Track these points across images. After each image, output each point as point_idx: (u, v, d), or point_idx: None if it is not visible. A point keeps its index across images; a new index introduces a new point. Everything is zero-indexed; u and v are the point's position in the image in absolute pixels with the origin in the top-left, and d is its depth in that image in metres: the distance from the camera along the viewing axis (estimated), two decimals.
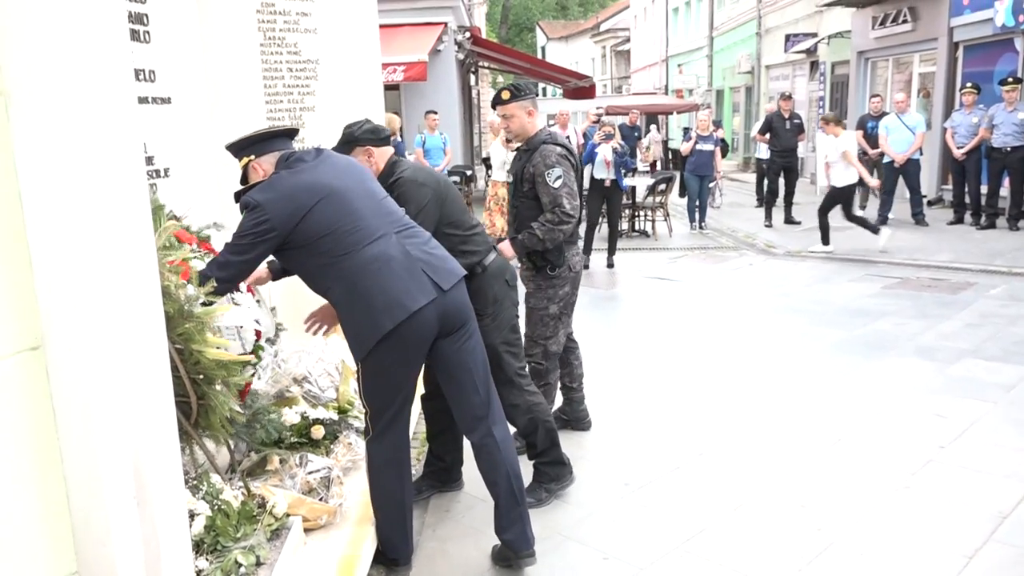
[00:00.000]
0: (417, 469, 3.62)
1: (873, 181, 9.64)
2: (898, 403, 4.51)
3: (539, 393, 3.51)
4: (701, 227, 11.60)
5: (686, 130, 16.36)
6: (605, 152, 8.71)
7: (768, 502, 3.43)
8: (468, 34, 16.06)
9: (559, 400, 4.28)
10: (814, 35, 16.99)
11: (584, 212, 9.55)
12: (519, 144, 3.81)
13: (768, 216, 11.48)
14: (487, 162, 16.27)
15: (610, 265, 9.06)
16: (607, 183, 8.78)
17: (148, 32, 3.04)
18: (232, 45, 3.56)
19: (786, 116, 11.55)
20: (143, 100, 2.99)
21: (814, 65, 17.60)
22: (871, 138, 11.07)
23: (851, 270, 8.38)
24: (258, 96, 3.99)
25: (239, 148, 2.84)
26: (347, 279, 2.59)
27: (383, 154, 3.26)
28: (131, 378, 1.77)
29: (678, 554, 3.05)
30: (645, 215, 11.57)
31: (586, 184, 9.21)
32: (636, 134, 14.74)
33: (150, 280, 1.87)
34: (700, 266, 9.21)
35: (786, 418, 4.36)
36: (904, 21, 13.07)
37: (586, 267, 8.93)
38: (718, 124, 14.49)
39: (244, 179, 2.85)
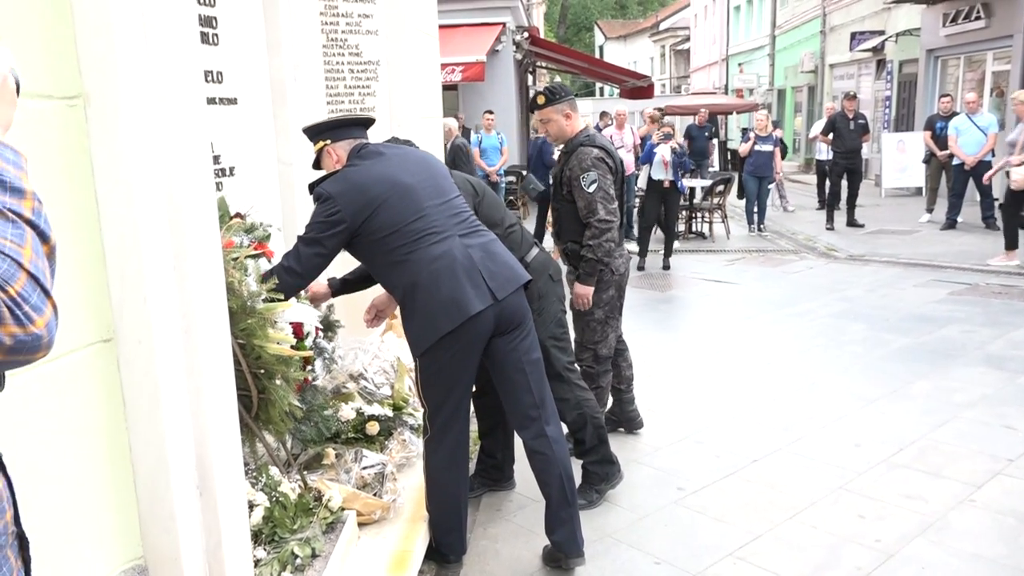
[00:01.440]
0: (470, 467, 3.65)
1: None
2: (965, 413, 4.36)
3: (588, 389, 3.50)
4: (760, 229, 11.39)
5: (745, 131, 16.05)
6: (664, 152, 8.62)
7: (825, 511, 3.36)
8: (526, 34, 16.06)
9: (609, 402, 4.27)
10: (881, 33, 16.52)
11: (641, 213, 9.53)
12: (560, 147, 3.82)
13: (830, 219, 11.21)
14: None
15: (666, 267, 8.97)
16: (665, 184, 8.69)
17: (217, 35, 3.13)
18: (295, 47, 3.63)
19: (850, 116, 11.26)
20: (211, 101, 3.07)
21: (880, 64, 17.11)
22: (939, 139, 10.72)
23: (916, 275, 8.13)
24: (320, 97, 4.05)
25: (316, 131, 2.88)
26: (410, 276, 2.62)
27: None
28: (196, 371, 1.83)
29: (731, 561, 3.01)
30: (702, 216, 11.43)
31: (643, 184, 9.14)
32: (705, 133, 14.38)
33: (215, 276, 1.93)
34: (758, 269, 9.05)
35: (846, 426, 4.26)
36: (977, 18, 12.62)
37: (641, 268, 8.86)
38: (776, 124, 14.13)
39: (317, 163, 2.90)
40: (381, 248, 2.66)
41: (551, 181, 4.08)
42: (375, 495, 2.93)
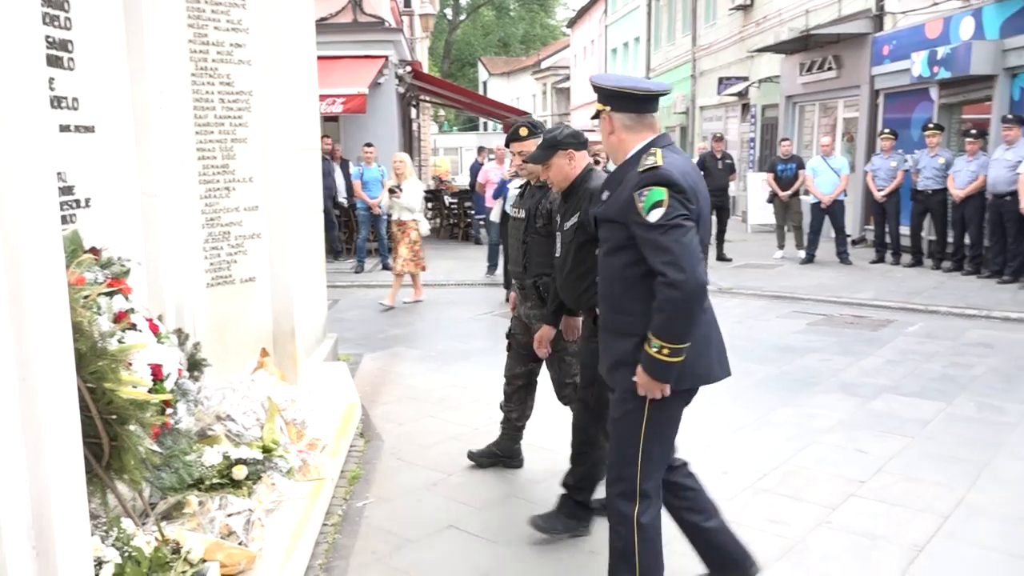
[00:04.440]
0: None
1: None
2: (823, 438, 4.62)
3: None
4: None
5: None
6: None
7: None
8: (409, 68, 16.13)
9: (494, 436, 4.28)
10: (746, 79, 17.60)
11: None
12: (528, 179, 3.84)
13: None
14: (436, 194, 16.21)
15: None
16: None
17: (72, 59, 2.96)
18: (160, 74, 3.49)
19: (718, 156, 11.88)
20: (64, 128, 2.90)
21: (745, 107, 18.22)
22: (781, 180, 11.53)
23: (779, 306, 8.61)
24: (188, 126, 3.91)
25: (613, 95, 2.56)
26: None
27: (583, 158, 3.44)
28: (34, 422, 1.69)
29: None
30: None
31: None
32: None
33: (59, 317, 1.80)
34: None
35: (715, 453, 4.42)
36: (829, 68, 13.66)
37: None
38: None
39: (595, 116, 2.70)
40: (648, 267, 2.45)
41: (514, 214, 3.98)
42: (240, 544, 2.78)
